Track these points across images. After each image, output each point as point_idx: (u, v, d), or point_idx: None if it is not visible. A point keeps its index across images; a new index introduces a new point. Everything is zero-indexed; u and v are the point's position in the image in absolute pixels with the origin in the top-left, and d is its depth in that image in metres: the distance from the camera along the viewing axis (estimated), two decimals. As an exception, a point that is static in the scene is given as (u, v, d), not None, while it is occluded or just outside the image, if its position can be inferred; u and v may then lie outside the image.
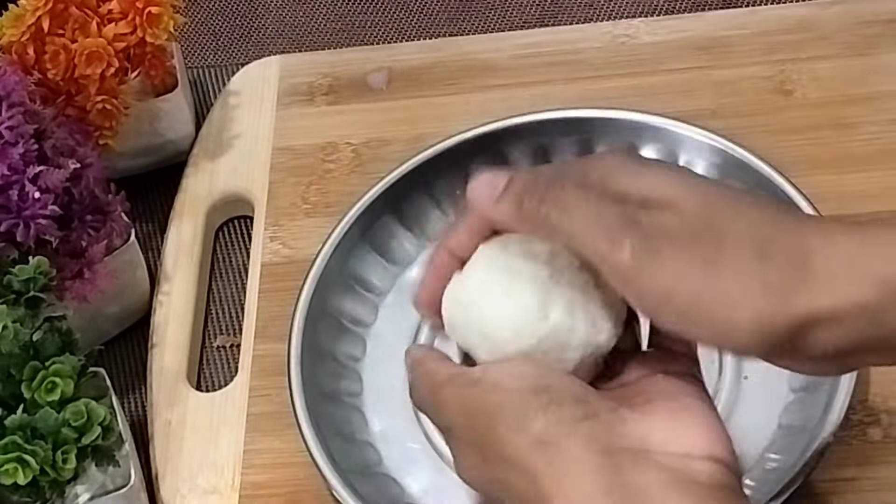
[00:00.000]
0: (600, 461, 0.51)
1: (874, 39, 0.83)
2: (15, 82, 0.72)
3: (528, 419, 0.52)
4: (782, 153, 0.76)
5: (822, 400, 0.66)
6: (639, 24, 0.87)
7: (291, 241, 0.81)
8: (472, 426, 0.55)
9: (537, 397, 0.53)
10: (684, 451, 0.51)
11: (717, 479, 0.51)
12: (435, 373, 0.58)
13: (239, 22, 0.97)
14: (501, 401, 0.54)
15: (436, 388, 0.57)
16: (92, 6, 0.78)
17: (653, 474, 0.50)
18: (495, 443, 0.53)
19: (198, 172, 0.86)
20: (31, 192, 0.69)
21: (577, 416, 0.52)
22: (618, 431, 0.52)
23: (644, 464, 0.51)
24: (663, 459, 0.51)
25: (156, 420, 0.75)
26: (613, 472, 0.50)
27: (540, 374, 0.54)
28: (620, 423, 0.52)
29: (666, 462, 0.51)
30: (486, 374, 0.56)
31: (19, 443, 0.63)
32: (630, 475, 0.50)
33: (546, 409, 0.52)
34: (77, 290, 0.72)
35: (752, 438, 0.68)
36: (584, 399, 0.53)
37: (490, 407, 0.54)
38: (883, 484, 0.67)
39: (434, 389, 0.57)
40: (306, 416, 0.70)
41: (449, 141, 0.79)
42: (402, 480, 0.70)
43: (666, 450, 0.51)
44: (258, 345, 0.77)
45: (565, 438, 0.51)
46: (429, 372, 0.58)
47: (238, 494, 0.71)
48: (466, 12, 0.94)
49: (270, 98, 0.88)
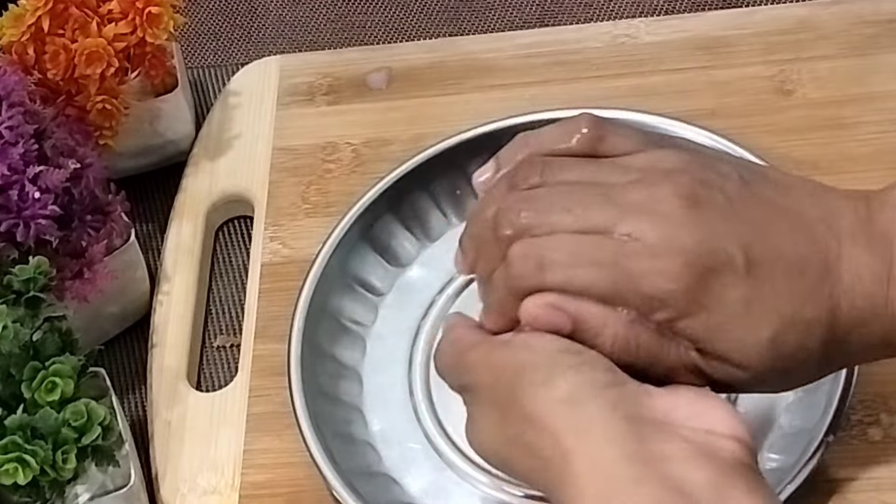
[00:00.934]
0: (625, 427, 0.51)
1: (874, 39, 0.83)
2: (15, 82, 0.73)
3: (557, 376, 0.53)
4: (782, 153, 0.76)
5: (822, 400, 0.66)
6: (639, 24, 0.87)
7: (291, 241, 0.81)
8: (496, 384, 0.55)
9: (570, 357, 0.54)
10: (708, 428, 0.52)
11: (739, 457, 0.51)
12: (464, 337, 0.58)
13: (239, 22, 0.97)
14: (532, 358, 0.54)
15: (464, 351, 0.57)
16: (92, 6, 0.78)
17: (677, 444, 0.51)
18: (520, 398, 0.53)
19: (198, 172, 0.86)
20: (31, 192, 0.69)
21: (607, 382, 0.53)
22: (644, 402, 0.53)
23: (668, 434, 0.51)
24: (687, 433, 0.52)
25: (156, 420, 0.75)
26: (638, 439, 0.51)
27: (570, 342, 0.55)
28: (646, 395, 0.53)
29: (689, 435, 0.51)
30: (517, 336, 0.56)
31: (19, 443, 0.63)
32: (654, 443, 0.51)
33: (578, 368, 0.53)
34: (77, 290, 0.72)
35: (753, 438, 0.68)
36: (613, 368, 0.54)
37: (519, 364, 0.54)
38: (883, 484, 0.67)
39: (462, 351, 0.57)
40: (306, 416, 0.70)
41: (449, 141, 0.79)
42: (402, 480, 0.70)
43: (690, 424, 0.52)
44: (258, 345, 0.77)
45: (592, 400, 0.52)
46: (459, 337, 0.58)
47: (238, 494, 0.71)
48: (466, 12, 0.94)
49: (270, 98, 0.88)
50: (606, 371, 0.54)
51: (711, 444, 0.51)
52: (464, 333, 0.58)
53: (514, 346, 0.55)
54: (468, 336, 0.58)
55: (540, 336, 0.55)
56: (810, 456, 0.64)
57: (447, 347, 0.59)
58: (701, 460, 0.50)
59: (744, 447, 0.52)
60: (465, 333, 0.58)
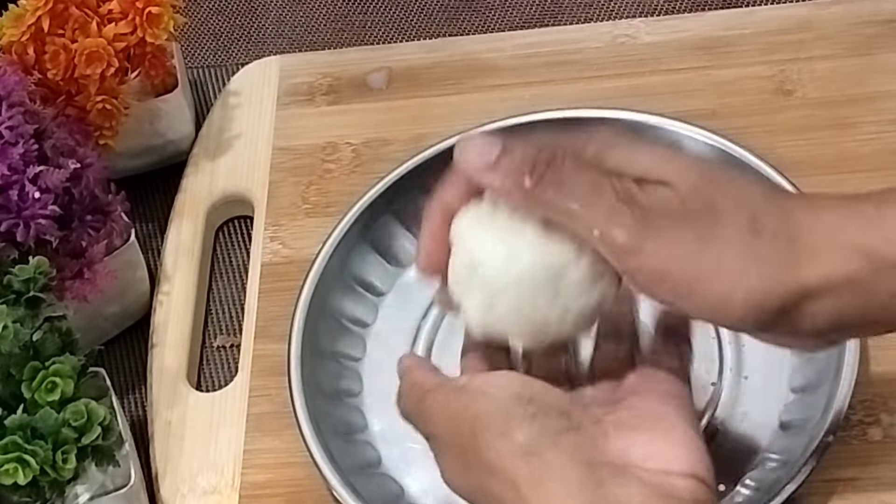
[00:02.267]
0: (582, 473, 0.51)
1: (874, 39, 0.83)
2: (15, 82, 0.72)
3: (511, 428, 0.53)
4: (782, 153, 0.76)
5: (822, 400, 0.66)
6: (639, 24, 0.87)
7: (291, 241, 0.81)
8: (456, 433, 0.55)
9: (522, 407, 0.53)
10: (664, 468, 0.52)
11: (697, 496, 0.52)
12: (422, 382, 0.58)
13: (239, 22, 0.97)
14: (486, 408, 0.54)
15: (422, 396, 0.57)
16: (92, 6, 0.78)
17: (634, 488, 0.51)
18: (479, 450, 0.53)
19: (198, 172, 0.86)
20: (31, 192, 0.69)
21: (561, 428, 0.53)
22: (600, 445, 0.52)
23: (625, 478, 0.51)
24: (644, 475, 0.52)
25: (156, 420, 0.75)
26: (595, 485, 0.51)
27: (524, 384, 0.55)
28: (603, 436, 0.53)
29: (646, 477, 0.51)
30: (471, 382, 0.56)
31: (19, 443, 0.63)
32: (611, 488, 0.51)
33: (531, 419, 0.53)
34: (77, 290, 0.72)
35: (752, 438, 0.68)
36: (567, 411, 0.54)
37: (474, 414, 0.54)
38: (883, 484, 0.67)
39: (420, 397, 0.57)
40: (306, 416, 0.70)
41: (449, 141, 0.79)
42: (402, 480, 0.70)
43: (646, 465, 0.52)
44: (258, 345, 0.77)
45: (548, 449, 0.52)
46: (416, 381, 0.58)
47: (238, 494, 0.71)
48: (466, 12, 0.94)
49: (270, 98, 0.88)
50: (560, 417, 0.53)
51: (668, 485, 0.51)
52: (421, 377, 0.58)
53: (470, 394, 0.55)
54: (425, 380, 0.58)
55: (493, 382, 0.55)
56: (810, 456, 0.64)
57: (407, 391, 0.59)
58: (658, 503, 0.51)
59: (700, 484, 0.52)
60: (422, 377, 0.58)
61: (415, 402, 0.58)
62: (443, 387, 0.57)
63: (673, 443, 0.53)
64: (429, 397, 0.57)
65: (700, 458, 0.53)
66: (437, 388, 0.57)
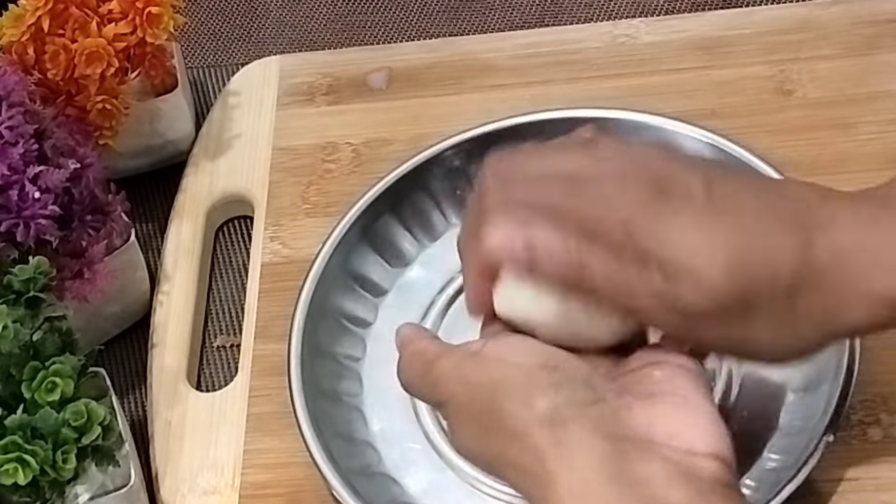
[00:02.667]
0: (606, 447, 0.51)
1: (874, 39, 0.83)
2: (15, 82, 0.72)
3: (536, 395, 0.52)
4: (782, 153, 0.76)
5: (822, 400, 0.66)
6: (639, 24, 0.87)
7: (291, 241, 0.81)
8: (473, 398, 0.54)
9: (548, 374, 0.53)
10: (688, 447, 0.52)
11: (719, 476, 0.51)
12: (426, 349, 0.57)
13: (239, 22, 0.97)
14: (508, 375, 0.54)
15: (430, 363, 0.57)
16: (92, 6, 0.78)
17: (657, 465, 0.51)
18: (500, 416, 0.53)
19: (198, 172, 0.86)
20: (31, 192, 0.69)
21: (587, 400, 0.53)
22: (624, 419, 0.52)
23: (649, 454, 0.51)
24: (667, 452, 0.51)
25: (156, 420, 0.75)
26: (619, 459, 0.51)
27: (546, 352, 0.55)
28: (626, 410, 0.53)
29: (670, 455, 0.51)
30: (488, 346, 0.56)
31: (19, 443, 0.63)
32: (635, 464, 0.51)
33: (557, 387, 0.53)
34: (77, 290, 0.72)
35: (752, 438, 0.68)
36: (592, 383, 0.54)
37: (495, 380, 0.54)
38: (883, 484, 0.67)
39: (428, 364, 0.57)
40: (306, 416, 0.70)
41: (449, 141, 0.79)
42: (402, 480, 0.70)
43: (670, 443, 0.52)
44: (258, 345, 0.77)
45: (573, 420, 0.52)
46: (420, 349, 0.58)
47: (238, 494, 0.71)
48: (466, 12, 0.94)
49: (270, 98, 0.88)
50: (585, 388, 0.53)
51: (691, 465, 0.51)
52: (426, 345, 0.58)
53: (488, 360, 0.55)
54: (431, 347, 0.58)
55: (513, 348, 0.55)
56: (810, 456, 0.64)
57: (410, 359, 0.58)
58: (681, 481, 0.50)
59: (723, 465, 0.52)
60: (427, 344, 0.58)
61: (421, 370, 0.57)
62: (453, 352, 0.56)
63: (692, 421, 0.53)
64: (438, 363, 0.56)
65: (722, 439, 0.53)
66: (447, 353, 0.56)
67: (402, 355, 0.59)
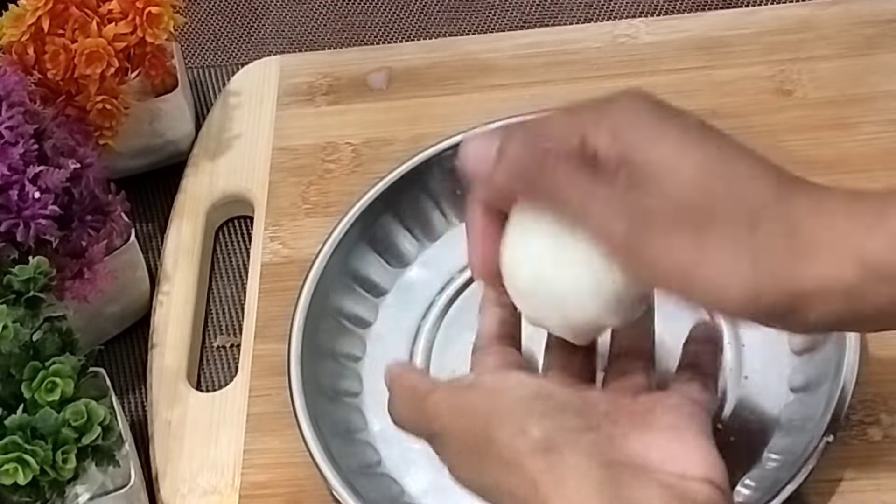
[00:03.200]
0: (601, 474, 0.51)
1: (874, 39, 0.83)
2: (15, 82, 0.73)
3: (529, 424, 0.52)
4: (782, 153, 0.75)
5: (822, 400, 0.66)
6: (639, 24, 0.87)
7: (291, 241, 0.81)
8: (467, 430, 0.55)
9: (541, 403, 0.53)
10: (682, 471, 0.52)
11: (713, 500, 0.52)
12: (417, 385, 0.58)
13: (239, 22, 0.97)
14: (501, 405, 0.54)
15: (422, 397, 0.57)
16: (92, 6, 0.78)
17: (653, 490, 0.51)
18: (494, 447, 0.53)
19: (198, 172, 0.86)
20: (31, 192, 0.69)
21: (580, 427, 0.53)
22: (618, 446, 0.52)
23: (643, 480, 0.51)
24: (661, 477, 0.52)
25: (156, 420, 0.75)
26: (614, 486, 0.51)
27: (539, 383, 0.55)
28: (621, 437, 0.53)
29: (665, 479, 0.52)
30: (482, 379, 0.56)
31: (19, 443, 0.63)
32: (630, 490, 0.51)
33: (551, 415, 0.53)
34: (77, 290, 0.72)
35: (752, 438, 0.68)
36: (584, 412, 0.54)
37: (488, 410, 0.54)
38: (883, 484, 0.67)
39: (420, 398, 0.57)
40: (306, 416, 0.70)
41: (449, 141, 0.79)
42: (401, 480, 0.70)
43: (665, 468, 0.52)
44: (258, 345, 0.77)
45: (567, 447, 0.52)
46: (410, 385, 0.58)
47: (238, 494, 0.71)
48: (466, 12, 0.94)
49: (270, 98, 0.88)
50: (578, 415, 0.53)
51: (685, 489, 0.51)
52: (416, 380, 0.58)
53: (482, 391, 0.55)
54: (423, 383, 0.58)
55: (506, 380, 0.55)
56: (810, 456, 0.64)
57: (402, 395, 0.58)
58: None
59: (716, 490, 0.52)
60: (419, 380, 0.58)
61: (414, 404, 0.57)
62: (447, 385, 0.57)
63: (689, 447, 0.53)
64: (432, 397, 0.56)
65: (715, 463, 0.53)
66: (440, 387, 0.57)
67: (392, 391, 0.59)
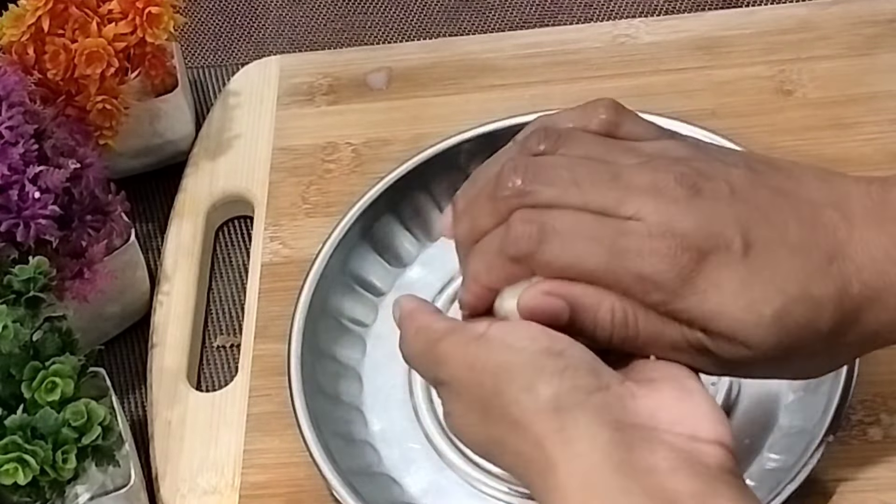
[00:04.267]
0: (610, 436, 0.50)
1: (874, 39, 0.83)
2: (15, 82, 0.72)
3: (540, 382, 0.52)
4: (782, 153, 0.76)
5: (822, 400, 0.66)
6: (639, 24, 0.87)
7: (291, 241, 0.81)
8: (476, 383, 0.54)
9: (552, 361, 0.52)
10: (691, 433, 0.51)
11: (723, 463, 0.51)
12: (430, 326, 0.56)
13: (239, 22, 0.97)
14: (512, 360, 0.53)
15: (434, 342, 0.55)
16: (92, 6, 0.78)
17: (662, 453, 0.50)
18: (502, 402, 0.52)
19: (198, 172, 0.86)
20: (31, 192, 0.69)
21: (591, 387, 0.52)
22: (629, 406, 0.52)
23: (653, 442, 0.51)
24: (671, 439, 0.51)
25: (156, 420, 0.75)
26: (623, 448, 0.50)
27: (552, 338, 0.54)
28: (631, 397, 0.52)
29: (674, 441, 0.51)
30: (492, 330, 0.54)
31: (19, 443, 0.63)
32: (639, 452, 0.50)
33: (561, 374, 0.52)
34: (77, 290, 0.72)
35: (753, 438, 0.68)
36: (596, 370, 0.53)
37: (498, 365, 0.53)
38: (883, 484, 0.67)
39: (432, 343, 0.56)
40: (306, 416, 0.70)
41: (449, 141, 0.79)
42: (401, 480, 0.70)
43: (674, 430, 0.51)
44: (258, 345, 0.77)
45: (577, 408, 0.51)
46: (424, 325, 0.57)
47: (238, 494, 0.71)
48: (466, 12, 0.94)
49: (270, 98, 0.88)
50: (589, 374, 0.52)
51: (696, 452, 0.51)
52: (430, 320, 0.57)
53: (492, 344, 0.54)
54: (436, 324, 0.56)
55: (518, 333, 0.54)
56: (810, 456, 0.64)
57: (415, 335, 0.57)
58: (686, 470, 0.50)
59: (726, 452, 0.52)
60: (432, 321, 0.57)
61: (425, 347, 0.56)
62: (459, 332, 0.55)
63: (695, 408, 0.53)
64: (443, 343, 0.55)
65: (724, 425, 0.53)
66: (452, 332, 0.55)
67: (405, 329, 0.58)
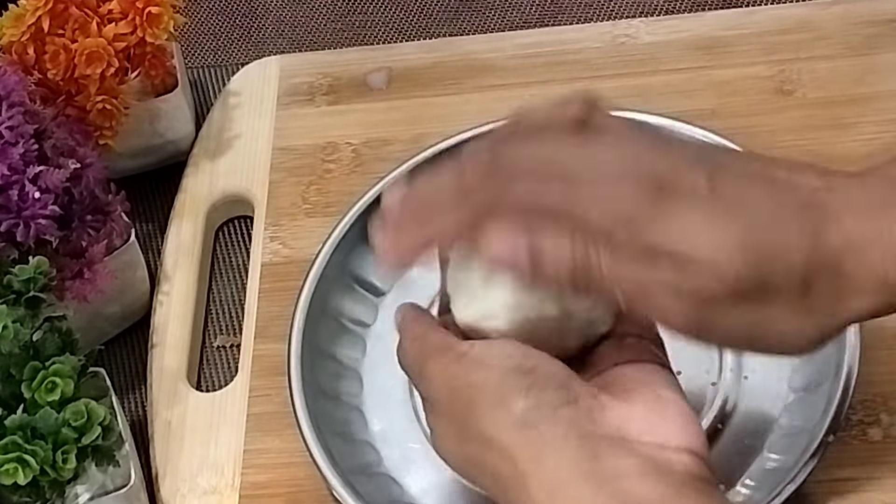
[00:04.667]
0: (579, 446, 0.51)
1: (874, 39, 0.83)
2: (15, 82, 0.73)
3: (509, 400, 0.53)
4: (782, 153, 0.75)
5: (822, 400, 0.66)
6: (639, 24, 0.87)
7: (291, 241, 0.81)
8: (453, 401, 0.55)
9: (521, 378, 0.53)
10: (660, 442, 0.52)
11: (692, 470, 0.52)
12: (425, 340, 0.57)
13: (239, 22, 0.97)
14: (485, 379, 0.54)
15: (424, 358, 0.57)
16: (92, 6, 0.78)
17: (629, 461, 0.51)
18: (475, 420, 0.53)
19: (198, 172, 0.86)
20: (31, 192, 0.69)
21: (559, 401, 0.53)
22: (597, 418, 0.52)
23: (621, 451, 0.51)
24: (640, 448, 0.52)
25: (156, 420, 0.75)
26: (591, 458, 0.51)
27: (524, 355, 0.54)
28: (600, 409, 0.53)
29: (642, 450, 0.52)
30: (472, 350, 0.55)
31: (19, 443, 0.63)
32: (607, 461, 0.51)
33: (528, 391, 0.53)
34: (77, 290, 0.72)
35: (753, 438, 0.68)
36: (566, 384, 0.54)
37: (473, 384, 0.54)
38: (883, 484, 0.67)
39: (422, 359, 0.57)
40: (306, 416, 0.70)
41: (449, 141, 0.79)
42: (402, 480, 0.70)
43: (643, 439, 0.52)
44: (258, 345, 0.77)
45: (545, 422, 0.52)
46: (419, 338, 0.58)
47: (238, 494, 0.71)
48: (466, 12, 0.94)
49: (270, 98, 0.88)
50: (559, 389, 0.53)
51: (664, 459, 0.51)
52: (425, 333, 0.58)
53: (470, 364, 0.55)
54: (429, 337, 0.57)
55: (493, 351, 0.55)
56: (810, 456, 0.64)
57: (409, 347, 0.58)
58: (654, 476, 0.51)
59: (696, 459, 0.52)
60: (427, 333, 0.58)
61: (416, 361, 0.57)
62: (444, 352, 0.56)
63: (666, 416, 0.53)
64: (430, 362, 0.56)
65: (695, 432, 0.53)
66: (439, 351, 0.56)
67: (402, 335, 0.59)
